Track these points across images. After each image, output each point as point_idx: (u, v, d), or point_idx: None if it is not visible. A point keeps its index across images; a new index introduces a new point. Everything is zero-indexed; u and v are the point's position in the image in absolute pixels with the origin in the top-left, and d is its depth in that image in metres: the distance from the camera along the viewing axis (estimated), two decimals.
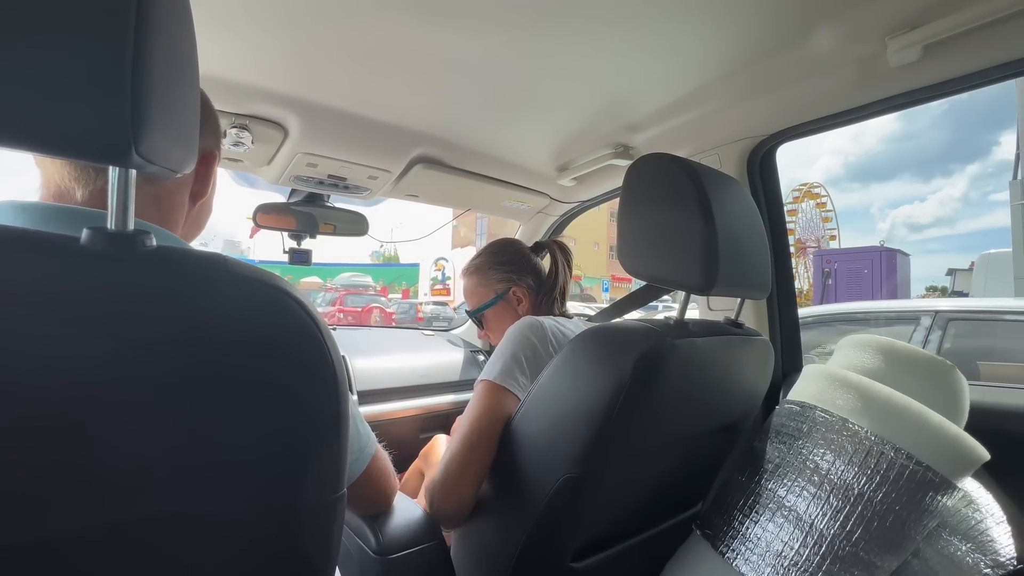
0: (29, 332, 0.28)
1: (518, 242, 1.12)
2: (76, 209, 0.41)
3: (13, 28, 0.26)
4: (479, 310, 1.05)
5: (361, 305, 11.35)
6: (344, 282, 13.80)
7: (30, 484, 0.29)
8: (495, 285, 1.04)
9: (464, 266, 1.11)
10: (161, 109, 0.30)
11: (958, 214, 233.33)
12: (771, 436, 0.76)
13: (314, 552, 0.40)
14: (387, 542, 0.63)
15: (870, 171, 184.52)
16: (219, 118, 0.98)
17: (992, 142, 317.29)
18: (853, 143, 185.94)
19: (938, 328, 2.50)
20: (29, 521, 0.29)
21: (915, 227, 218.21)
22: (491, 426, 0.74)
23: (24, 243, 0.28)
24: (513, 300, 1.02)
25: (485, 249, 1.10)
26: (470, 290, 1.08)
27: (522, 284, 1.03)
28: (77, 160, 0.40)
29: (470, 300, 1.08)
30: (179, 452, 0.33)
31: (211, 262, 0.33)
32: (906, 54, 0.75)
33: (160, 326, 0.31)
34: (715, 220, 0.64)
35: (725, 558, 0.70)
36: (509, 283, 1.03)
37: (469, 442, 0.74)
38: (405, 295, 14.45)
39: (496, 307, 1.04)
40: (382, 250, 20.33)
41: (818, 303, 11.38)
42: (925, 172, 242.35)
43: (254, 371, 0.34)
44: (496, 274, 1.04)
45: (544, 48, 0.82)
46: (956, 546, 0.66)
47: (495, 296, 1.03)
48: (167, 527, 0.34)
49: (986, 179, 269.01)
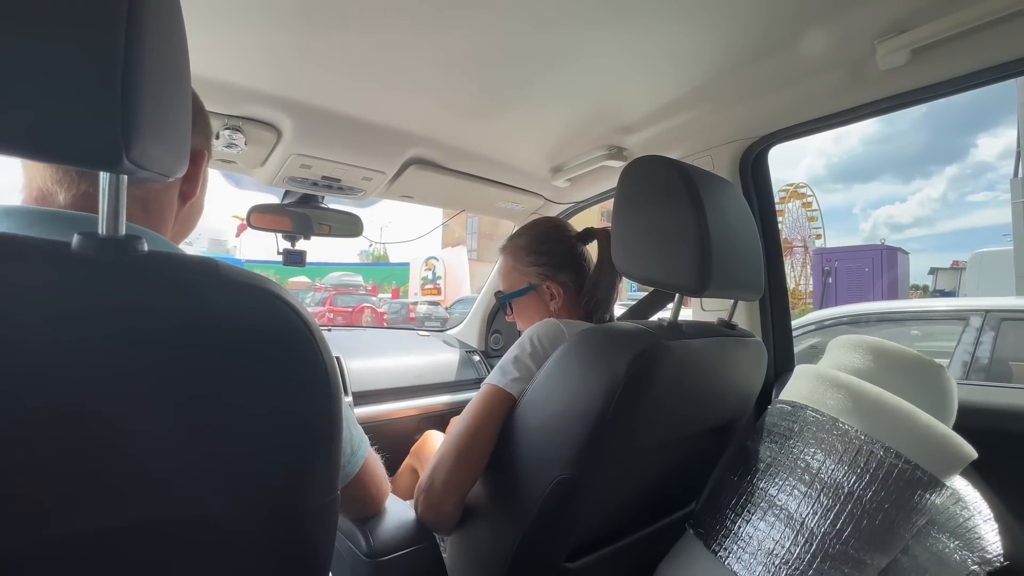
0: (22, 337, 0.27)
1: (565, 229, 0.99)
2: (60, 212, 0.41)
3: (2, 34, 0.26)
4: (508, 297, 0.97)
5: (352, 305, 11.08)
6: (334, 281, 13.54)
7: (31, 486, 0.29)
8: (530, 274, 0.94)
9: (503, 243, 1.01)
10: (152, 114, 0.30)
11: (937, 214, 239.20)
12: (763, 436, 0.77)
13: (308, 554, 0.40)
14: (378, 545, 0.63)
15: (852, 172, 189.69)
16: (211, 119, 0.97)
17: (969, 144, 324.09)
18: (836, 144, 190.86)
19: (990, 328, 2.32)
20: (30, 524, 0.29)
21: (896, 227, 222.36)
22: (485, 429, 0.73)
23: (15, 249, 0.28)
24: (546, 295, 0.93)
25: (529, 229, 0.99)
26: (504, 271, 0.98)
27: (558, 281, 0.92)
28: (67, 166, 0.40)
29: (502, 281, 0.99)
30: (171, 455, 0.33)
31: (203, 267, 0.33)
32: (894, 57, 0.76)
33: (151, 331, 0.31)
34: (708, 222, 0.64)
35: (718, 557, 0.71)
36: (544, 277, 0.93)
37: (458, 449, 0.72)
38: (395, 295, 14.28)
39: (527, 297, 0.95)
40: (371, 249, 20.06)
41: (818, 303, 11.31)
42: (905, 174, 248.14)
43: (247, 375, 0.34)
44: (534, 261, 0.94)
45: (537, 50, 0.82)
46: (944, 543, 0.67)
47: (527, 287, 0.94)
48: (156, 533, 0.34)
49: (964, 180, 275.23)
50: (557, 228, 0.98)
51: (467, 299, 11.99)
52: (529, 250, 0.95)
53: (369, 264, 18.29)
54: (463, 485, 0.72)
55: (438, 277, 14.02)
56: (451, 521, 0.74)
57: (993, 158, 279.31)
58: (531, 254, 0.94)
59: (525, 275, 0.94)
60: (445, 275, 13.20)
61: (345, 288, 12.88)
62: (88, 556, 0.32)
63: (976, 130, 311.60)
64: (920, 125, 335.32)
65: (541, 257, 0.93)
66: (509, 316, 1.00)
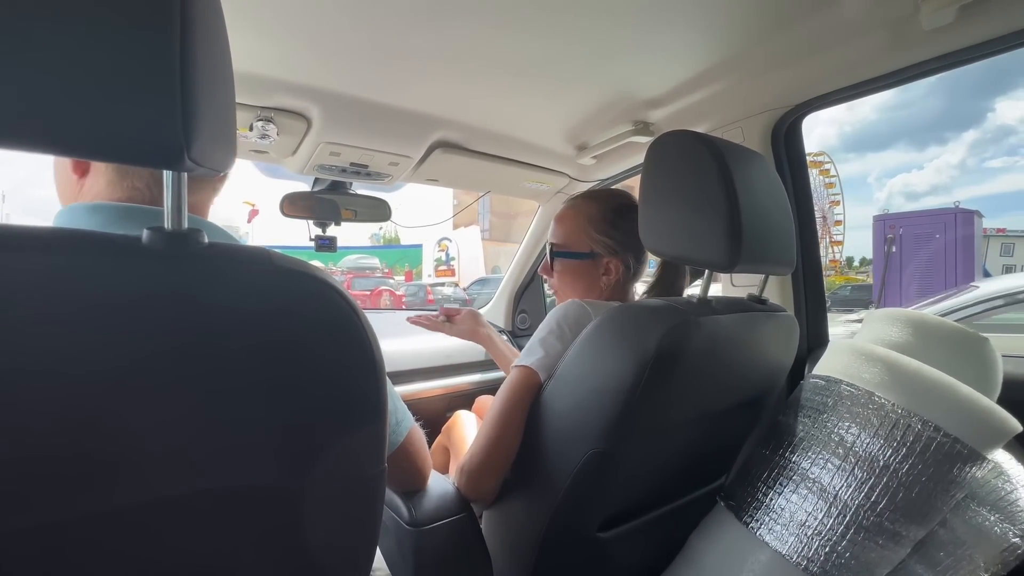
0: (104, 324, 0.30)
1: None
2: (137, 208, 0.45)
3: (62, 38, 0.27)
4: (566, 255, 0.93)
5: (369, 288, 10.62)
6: (350, 264, 13.30)
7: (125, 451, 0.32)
8: (598, 242, 0.90)
9: (574, 199, 0.96)
10: (206, 113, 0.32)
11: (955, 182, 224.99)
12: (796, 410, 0.76)
13: (363, 519, 0.43)
14: (419, 515, 0.67)
15: (866, 141, 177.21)
16: (245, 111, 1.00)
17: (987, 109, 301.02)
18: (848, 113, 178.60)
19: None
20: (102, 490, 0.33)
21: (912, 195, 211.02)
22: (516, 411, 0.75)
23: (93, 244, 0.31)
24: (602, 268, 0.90)
25: (612, 198, 0.94)
26: (568, 227, 0.93)
27: (621, 259, 0.90)
28: (131, 165, 0.43)
29: (563, 235, 0.94)
30: (240, 428, 0.36)
31: (258, 256, 0.35)
32: (940, 16, 0.72)
33: (218, 318, 0.33)
34: (738, 197, 0.63)
35: (749, 528, 0.72)
36: (611, 252, 0.90)
37: (493, 433, 0.75)
38: (408, 277, 14.04)
39: (582, 262, 0.91)
40: (381, 232, 19.77)
41: (879, 275, 10.20)
42: (921, 141, 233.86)
43: (303, 357, 0.37)
44: (606, 232, 0.90)
45: (560, 26, 0.81)
46: (984, 516, 0.67)
47: (590, 252, 0.91)
48: (229, 498, 0.37)
49: (983, 145, 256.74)
50: (636, 209, 0.95)
51: (482, 279, 11.81)
52: (604, 220, 0.91)
53: (381, 247, 18.13)
54: (500, 465, 0.76)
55: (451, 258, 13.89)
56: (491, 499, 0.79)
57: (1014, 121, 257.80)
58: (606, 224, 0.91)
59: (593, 241, 0.91)
60: (459, 255, 13.04)
61: (361, 271, 12.60)
62: (159, 520, 0.35)
63: (994, 94, 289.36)
64: (936, 90, 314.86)
65: (616, 231, 0.90)
66: (547, 272, 0.97)
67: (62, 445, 0.30)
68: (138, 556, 0.35)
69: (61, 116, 0.28)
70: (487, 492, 0.77)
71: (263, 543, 0.40)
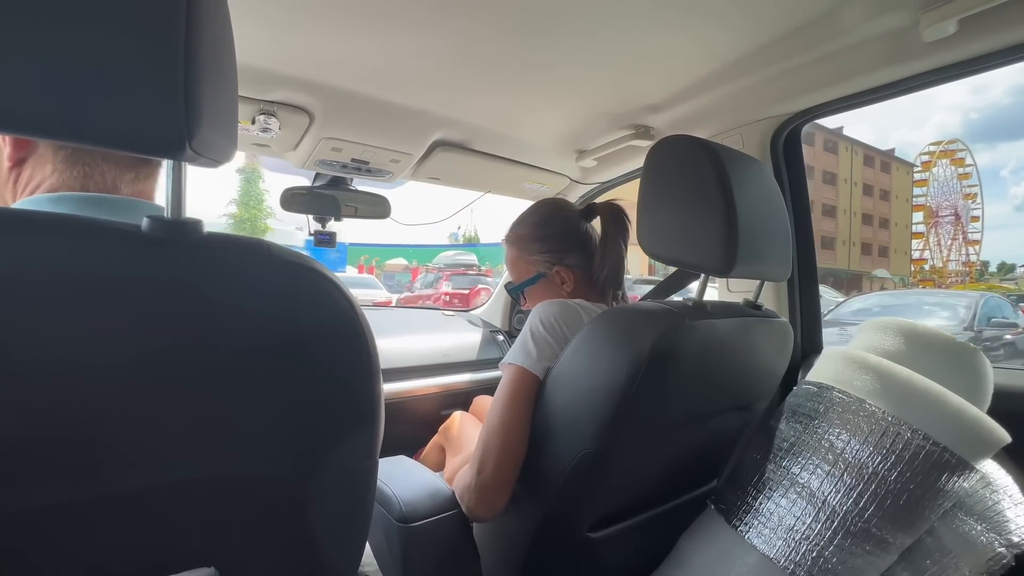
0: (105, 308, 0.31)
1: (567, 208, 0.95)
2: (107, 198, 0.44)
3: (70, 26, 0.28)
4: (519, 288, 0.94)
5: (467, 287, 9.48)
6: (447, 261, 12.49)
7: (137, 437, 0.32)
8: (536, 262, 0.91)
9: (506, 235, 0.98)
10: (209, 104, 0.32)
11: None
12: (787, 416, 0.77)
13: (354, 511, 0.43)
14: (408, 511, 0.67)
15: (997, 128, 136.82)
16: (247, 104, 1.00)
17: None
18: (974, 97, 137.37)
19: None
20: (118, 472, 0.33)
21: None
22: (520, 416, 0.73)
23: (96, 231, 0.31)
24: (556, 280, 0.89)
25: (529, 215, 0.95)
26: (511, 262, 0.96)
27: (566, 265, 0.89)
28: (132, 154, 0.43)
29: (511, 272, 0.97)
30: (235, 423, 0.36)
31: (255, 247, 0.36)
32: (940, 28, 0.73)
33: (214, 306, 0.34)
34: (735, 202, 0.64)
35: (738, 531, 0.72)
36: (551, 264, 0.89)
37: (501, 444, 0.72)
38: (488, 276, 13.79)
39: (538, 285, 0.92)
40: (460, 231, 19.24)
41: None
42: None
43: (299, 349, 0.37)
44: (538, 249, 0.91)
45: (562, 29, 0.81)
46: (971, 525, 0.67)
47: (536, 275, 0.91)
48: (229, 486, 0.37)
49: None
50: (558, 210, 0.95)
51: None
52: (532, 237, 0.92)
53: (462, 245, 17.52)
54: (513, 476, 0.72)
55: None
56: (500, 512, 0.73)
57: None
58: (535, 241, 0.91)
59: (532, 264, 0.91)
60: None
61: (458, 268, 11.56)
62: (164, 504, 0.36)
63: None
64: None
65: (545, 243, 0.90)
66: (525, 305, 0.97)
67: (69, 427, 0.30)
68: (133, 543, 0.35)
69: (65, 102, 0.28)
70: (500, 508, 0.72)
71: (258, 530, 0.40)
